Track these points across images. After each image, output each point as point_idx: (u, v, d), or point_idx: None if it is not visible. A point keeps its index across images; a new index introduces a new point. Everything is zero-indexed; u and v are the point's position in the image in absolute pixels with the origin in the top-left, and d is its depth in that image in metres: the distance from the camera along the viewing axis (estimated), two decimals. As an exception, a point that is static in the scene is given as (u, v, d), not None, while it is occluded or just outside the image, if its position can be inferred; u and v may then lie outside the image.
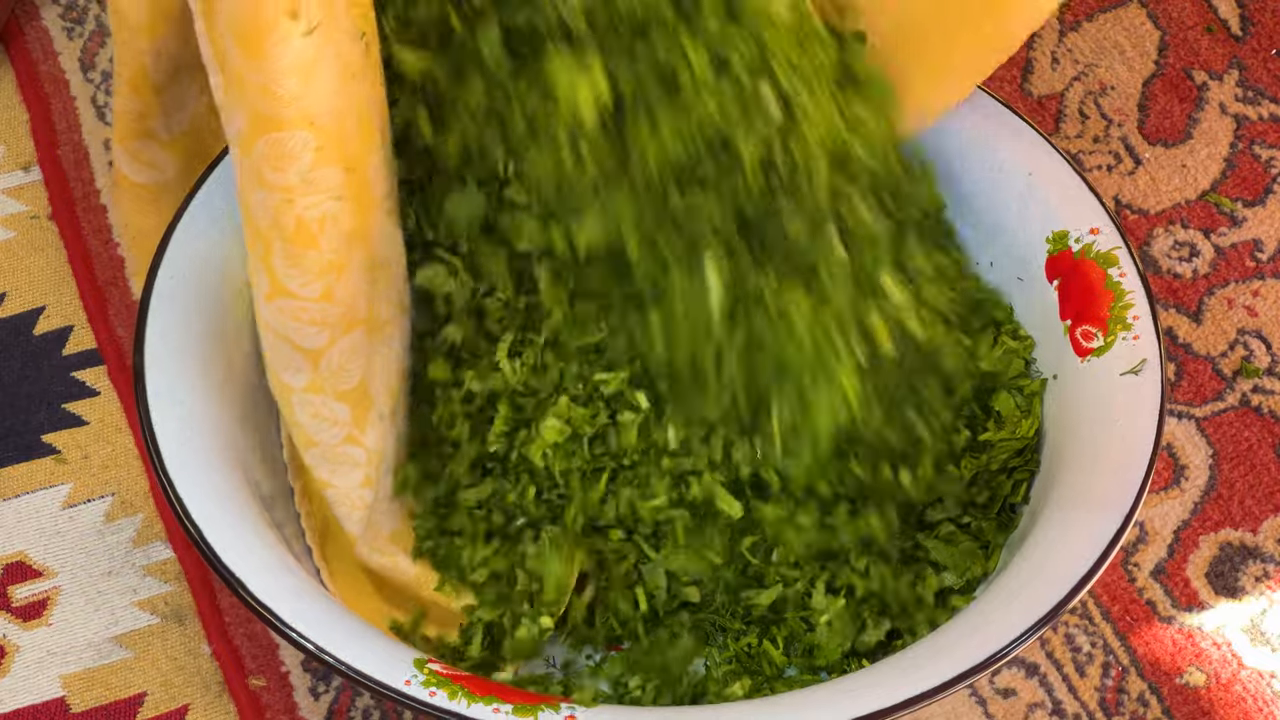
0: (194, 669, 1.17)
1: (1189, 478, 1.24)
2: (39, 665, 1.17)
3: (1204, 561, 1.21)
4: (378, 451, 1.09)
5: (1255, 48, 1.41)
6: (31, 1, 1.43)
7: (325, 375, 1.06)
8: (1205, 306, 1.30)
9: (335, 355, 1.05)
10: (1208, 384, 1.27)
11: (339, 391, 1.06)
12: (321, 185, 1.00)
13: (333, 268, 1.02)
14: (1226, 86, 1.39)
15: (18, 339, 1.29)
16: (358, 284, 1.04)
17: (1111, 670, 1.17)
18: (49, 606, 1.19)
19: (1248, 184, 1.35)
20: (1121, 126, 1.38)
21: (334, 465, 1.09)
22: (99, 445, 1.25)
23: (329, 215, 1.01)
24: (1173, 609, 1.19)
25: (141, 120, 1.14)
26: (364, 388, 1.07)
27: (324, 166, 1.00)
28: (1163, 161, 1.36)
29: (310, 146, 0.99)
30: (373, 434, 1.09)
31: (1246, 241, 1.33)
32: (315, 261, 1.02)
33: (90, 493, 1.23)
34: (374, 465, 1.09)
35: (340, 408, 1.07)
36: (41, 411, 1.26)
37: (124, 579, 1.20)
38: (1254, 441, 1.25)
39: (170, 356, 1.11)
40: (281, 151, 0.99)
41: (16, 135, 1.38)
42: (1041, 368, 1.16)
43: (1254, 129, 1.37)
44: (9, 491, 1.23)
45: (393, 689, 1.00)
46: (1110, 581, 1.20)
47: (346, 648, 1.01)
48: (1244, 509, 1.23)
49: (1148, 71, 1.40)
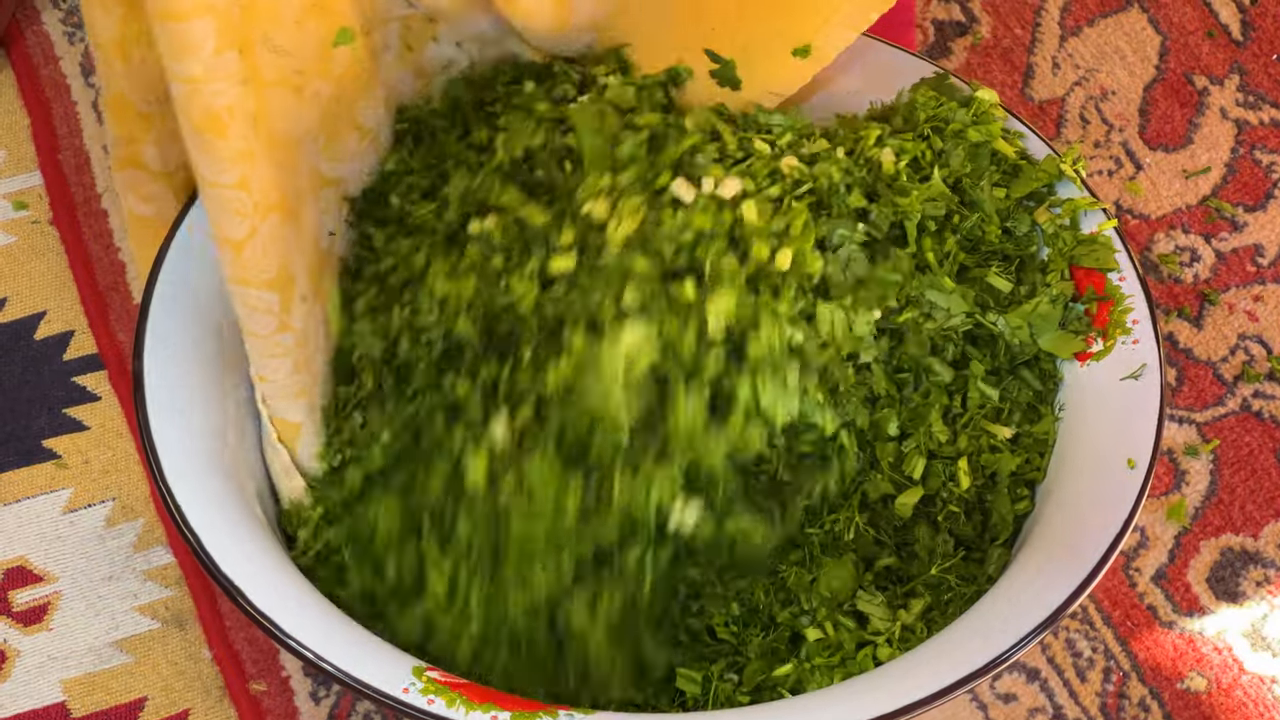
0: (195, 674, 1.17)
1: (1189, 483, 1.24)
2: (40, 670, 1.17)
3: (1205, 566, 1.21)
4: (302, 330, 1.11)
5: (1256, 53, 1.41)
6: (33, 5, 1.43)
7: (249, 266, 1.07)
8: (1206, 311, 1.30)
9: (257, 244, 1.07)
10: (1209, 389, 1.27)
11: (263, 280, 1.08)
12: (222, 71, 1.01)
13: (244, 155, 1.04)
14: (1227, 91, 1.39)
15: (19, 344, 1.29)
16: (268, 168, 1.05)
17: (1112, 675, 1.17)
18: (50, 611, 1.19)
19: (1249, 189, 1.35)
20: (1122, 131, 1.38)
21: (267, 359, 1.10)
22: (100, 450, 1.25)
23: (235, 102, 1.02)
24: (1174, 614, 1.19)
25: (130, 146, 1.14)
26: (286, 272, 1.09)
27: (225, 51, 1.01)
28: (1163, 166, 1.36)
29: (211, 32, 1.00)
30: (297, 316, 1.10)
31: (1247, 246, 1.33)
32: (225, 150, 1.03)
33: (91, 497, 1.23)
34: (302, 347, 1.11)
35: (269, 295, 1.08)
36: (42, 416, 1.26)
37: (125, 584, 1.20)
38: (1255, 446, 1.25)
39: (170, 363, 1.11)
40: (184, 40, 1.00)
41: (17, 140, 1.38)
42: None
43: (1255, 134, 1.37)
44: (9, 496, 1.23)
45: (391, 697, 1.00)
46: (1111, 586, 1.20)
47: (345, 656, 1.01)
48: (1245, 514, 1.23)
49: (1149, 76, 1.40)
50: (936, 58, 1.40)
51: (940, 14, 1.43)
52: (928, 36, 1.42)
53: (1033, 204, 1.16)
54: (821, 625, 1.08)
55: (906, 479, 1.10)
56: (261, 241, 1.06)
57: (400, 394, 1.11)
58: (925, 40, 1.42)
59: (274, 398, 1.12)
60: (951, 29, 1.43)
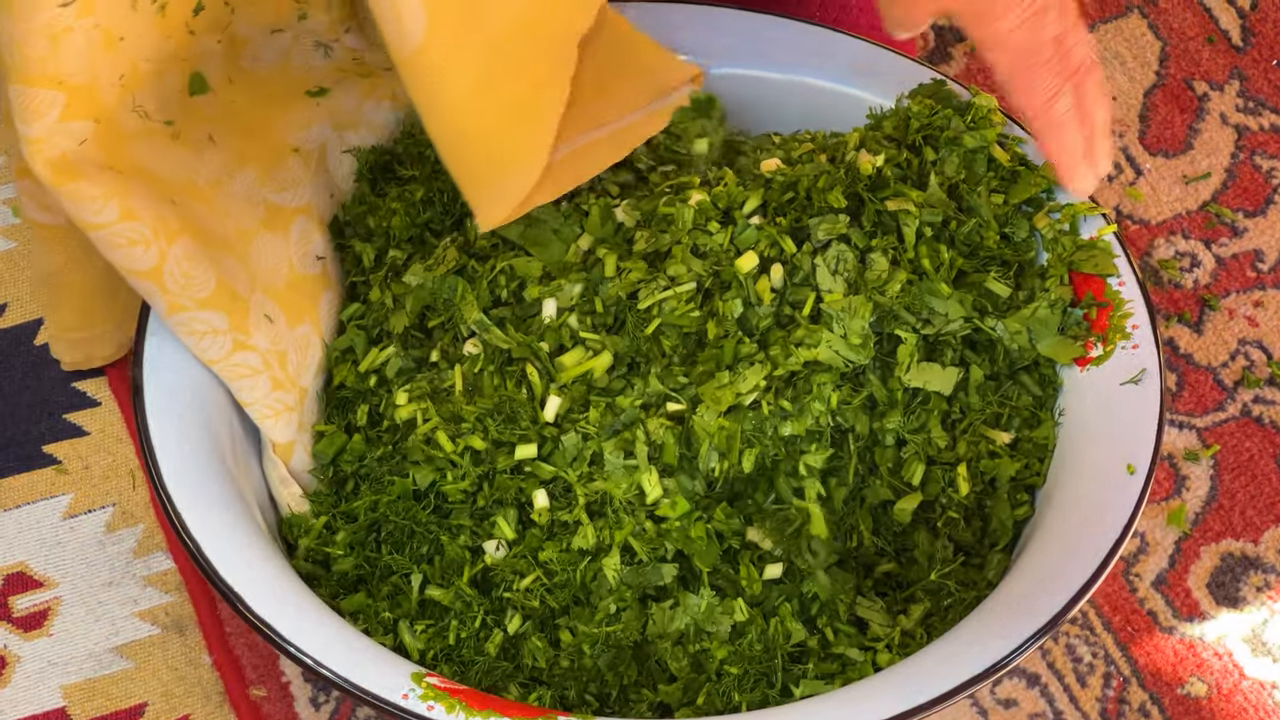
0: (195, 679, 1.17)
1: (1190, 488, 1.24)
2: (40, 676, 1.17)
3: (1205, 572, 1.21)
4: (277, 351, 1.11)
5: (1256, 58, 1.41)
6: (33, 12, 1.43)
7: (177, 287, 1.08)
8: (1206, 317, 1.30)
9: (174, 266, 1.07)
10: (1209, 394, 1.27)
11: (198, 300, 1.08)
12: (69, 134, 1.03)
13: (113, 191, 1.05)
14: (1227, 97, 1.39)
15: (18, 349, 1.29)
16: (148, 202, 1.06)
17: (1113, 680, 1.17)
18: (50, 617, 1.19)
19: (1249, 194, 1.35)
20: (1123, 137, 1.38)
21: (236, 381, 1.11)
22: (100, 455, 1.25)
23: (82, 154, 1.04)
24: (1174, 619, 1.19)
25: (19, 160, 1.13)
26: (228, 291, 1.09)
27: (73, 120, 1.03)
28: (1164, 172, 1.36)
29: (59, 104, 1.02)
30: (261, 335, 1.11)
31: (1247, 252, 1.33)
32: (88, 190, 1.04)
33: (91, 503, 1.23)
34: (279, 366, 1.11)
35: (212, 316, 1.09)
36: (42, 422, 1.26)
37: (125, 589, 1.20)
38: (1255, 452, 1.25)
39: (169, 368, 1.11)
40: (29, 104, 1.02)
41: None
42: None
43: (1255, 139, 1.37)
44: (10, 502, 1.23)
45: (390, 703, 1.00)
46: (1111, 591, 1.20)
47: (344, 661, 1.01)
48: (1245, 519, 1.23)
49: (1149, 82, 1.40)
50: (936, 63, 1.40)
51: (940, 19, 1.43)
52: (928, 42, 1.42)
53: (1031, 210, 1.16)
54: (821, 631, 1.08)
55: (905, 485, 1.10)
56: (179, 263, 1.07)
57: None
58: (926, 46, 1.42)
59: (259, 417, 1.12)
60: (951, 34, 1.43)
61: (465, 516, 1.10)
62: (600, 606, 1.07)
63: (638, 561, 1.08)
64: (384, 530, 1.10)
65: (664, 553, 1.08)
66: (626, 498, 1.08)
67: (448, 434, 1.10)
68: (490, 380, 1.11)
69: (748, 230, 1.12)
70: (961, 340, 1.12)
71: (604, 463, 1.08)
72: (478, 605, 1.08)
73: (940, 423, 1.11)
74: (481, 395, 1.11)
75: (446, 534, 1.09)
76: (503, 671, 1.07)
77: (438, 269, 1.14)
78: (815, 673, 1.06)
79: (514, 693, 1.07)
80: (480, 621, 1.08)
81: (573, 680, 1.07)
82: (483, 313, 1.12)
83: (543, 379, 1.10)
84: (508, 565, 1.08)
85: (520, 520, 1.09)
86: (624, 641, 1.07)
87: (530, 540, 1.09)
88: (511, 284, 1.14)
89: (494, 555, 1.09)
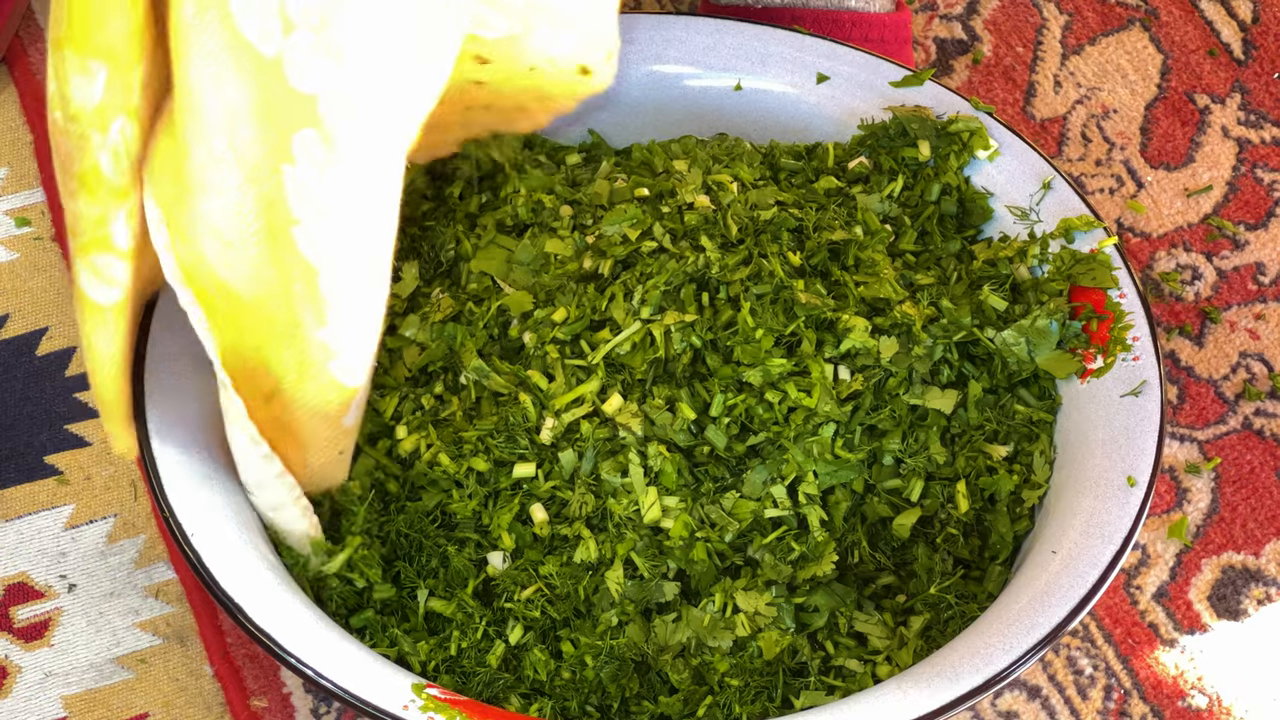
0: (196, 690, 1.17)
1: (1191, 501, 1.24)
2: (40, 686, 1.17)
3: (1206, 585, 1.21)
4: None
5: (1257, 71, 1.41)
6: (36, 24, 1.43)
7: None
8: (1207, 329, 1.30)
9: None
10: (1210, 407, 1.27)
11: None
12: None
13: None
14: (1229, 110, 1.39)
15: (20, 360, 1.29)
16: None
17: (1114, 693, 1.17)
18: (51, 627, 1.19)
19: (1250, 207, 1.35)
20: (1124, 150, 1.38)
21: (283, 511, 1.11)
22: (101, 466, 1.25)
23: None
24: (1175, 632, 1.19)
25: (101, 229, 1.02)
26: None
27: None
28: (1165, 185, 1.36)
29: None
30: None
31: (1249, 265, 1.33)
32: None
33: (92, 514, 1.23)
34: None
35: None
36: (44, 432, 1.26)
37: (126, 600, 1.20)
38: (1256, 465, 1.25)
39: (171, 379, 1.12)
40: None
41: (20, 157, 1.38)
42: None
43: (1256, 152, 1.37)
44: (11, 512, 1.23)
45: (391, 714, 1.00)
46: (1112, 604, 1.20)
47: (345, 673, 1.02)
48: (1246, 532, 1.23)
49: (1150, 95, 1.41)
50: (938, 76, 1.40)
51: (942, 32, 1.43)
52: (929, 55, 1.42)
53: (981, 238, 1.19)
54: (821, 644, 1.08)
55: (904, 500, 1.11)
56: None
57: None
58: (927, 58, 1.42)
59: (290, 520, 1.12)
60: (953, 47, 1.43)
61: (471, 530, 1.10)
62: (602, 619, 1.07)
63: (640, 577, 1.08)
64: (396, 548, 1.11)
65: (666, 570, 1.08)
66: (626, 514, 1.08)
67: (450, 455, 1.10)
68: (489, 405, 1.11)
69: None
70: (960, 353, 1.12)
71: (601, 481, 1.08)
72: (479, 616, 1.08)
73: (939, 438, 1.11)
74: (481, 419, 1.11)
75: (454, 545, 1.10)
76: (504, 683, 1.07)
77: (434, 315, 1.15)
78: (816, 685, 1.06)
79: (515, 704, 1.07)
80: (482, 632, 1.08)
81: (574, 692, 1.07)
82: (480, 356, 1.13)
83: (536, 407, 1.10)
84: (509, 576, 1.08)
85: (520, 535, 1.09)
86: (626, 654, 1.07)
87: (531, 554, 1.09)
88: (501, 319, 1.14)
89: (498, 567, 1.09)
